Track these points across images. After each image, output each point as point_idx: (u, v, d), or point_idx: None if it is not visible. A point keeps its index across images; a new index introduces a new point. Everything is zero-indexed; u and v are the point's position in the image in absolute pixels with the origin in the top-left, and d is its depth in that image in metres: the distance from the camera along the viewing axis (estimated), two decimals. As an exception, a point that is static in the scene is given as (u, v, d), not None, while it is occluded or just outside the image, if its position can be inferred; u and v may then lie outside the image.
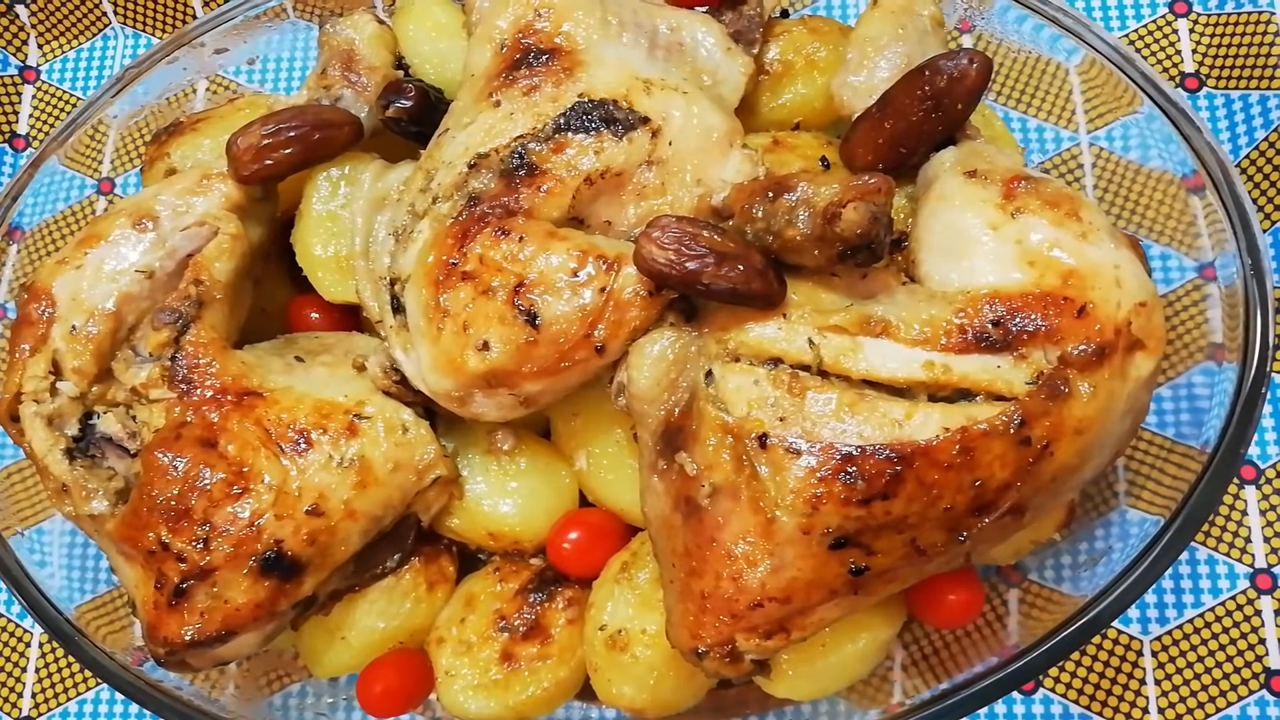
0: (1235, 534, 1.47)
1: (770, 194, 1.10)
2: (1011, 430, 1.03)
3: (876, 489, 1.02)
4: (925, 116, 1.20)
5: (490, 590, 1.33)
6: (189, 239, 1.30)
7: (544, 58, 1.22)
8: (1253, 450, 1.49)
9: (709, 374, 1.10)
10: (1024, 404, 1.04)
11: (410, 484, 1.25)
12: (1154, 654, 1.45)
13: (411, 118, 1.35)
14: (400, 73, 1.44)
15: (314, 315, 1.44)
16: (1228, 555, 1.46)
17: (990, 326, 1.07)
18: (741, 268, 1.08)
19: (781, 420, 1.05)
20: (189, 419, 1.21)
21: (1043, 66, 1.48)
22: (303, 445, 1.20)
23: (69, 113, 1.85)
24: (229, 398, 1.22)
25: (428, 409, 1.28)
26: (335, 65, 1.40)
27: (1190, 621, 1.45)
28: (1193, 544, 1.45)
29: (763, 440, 1.05)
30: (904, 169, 1.25)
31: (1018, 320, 1.06)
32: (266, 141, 1.28)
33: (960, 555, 1.11)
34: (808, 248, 1.08)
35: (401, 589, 1.32)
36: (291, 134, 1.29)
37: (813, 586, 1.06)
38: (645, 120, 1.19)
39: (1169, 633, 1.45)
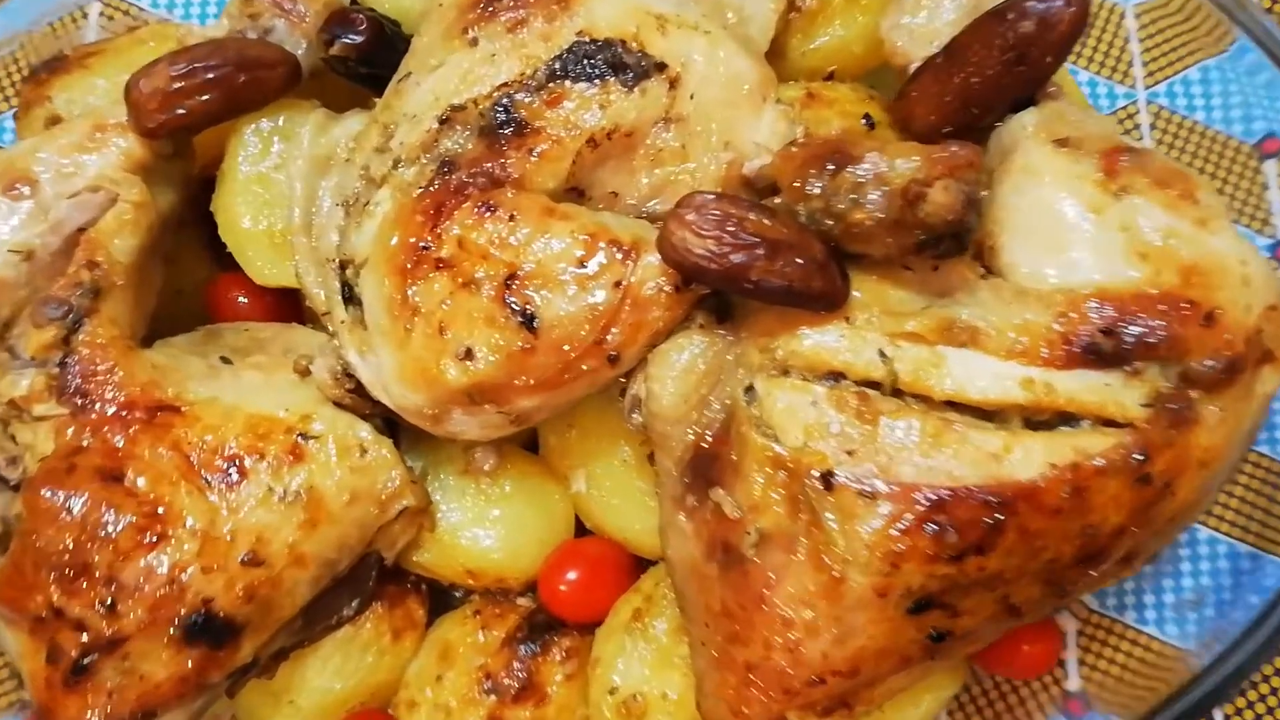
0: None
1: (831, 165, 0.95)
2: (1131, 466, 0.90)
3: (971, 541, 0.89)
4: (1005, 70, 1.05)
5: (470, 640, 1.21)
6: (79, 209, 1.15)
7: (533, -17, 1.10)
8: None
9: (750, 390, 0.97)
10: (1143, 433, 0.91)
11: (371, 518, 1.12)
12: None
13: (361, 56, 1.21)
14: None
15: (242, 300, 1.29)
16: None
17: (1100, 335, 0.93)
18: (800, 261, 0.93)
19: (850, 454, 0.92)
20: (85, 443, 1.07)
21: (1094, 9, 1.34)
22: (234, 475, 1.07)
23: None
24: (137, 414, 1.08)
25: (388, 419, 1.15)
26: (264, -13, 1.27)
27: None
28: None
29: (828, 480, 0.91)
30: (971, 132, 1.09)
31: (1133, 328, 0.93)
32: (178, 84, 1.14)
33: (1053, 609, 0.98)
34: (879, 235, 0.94)
35: (361, 641, 1.19)
36: (209, 75, 1.15)
37: (884, 655, 0.94)
38: (661, 66, 1.05)
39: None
